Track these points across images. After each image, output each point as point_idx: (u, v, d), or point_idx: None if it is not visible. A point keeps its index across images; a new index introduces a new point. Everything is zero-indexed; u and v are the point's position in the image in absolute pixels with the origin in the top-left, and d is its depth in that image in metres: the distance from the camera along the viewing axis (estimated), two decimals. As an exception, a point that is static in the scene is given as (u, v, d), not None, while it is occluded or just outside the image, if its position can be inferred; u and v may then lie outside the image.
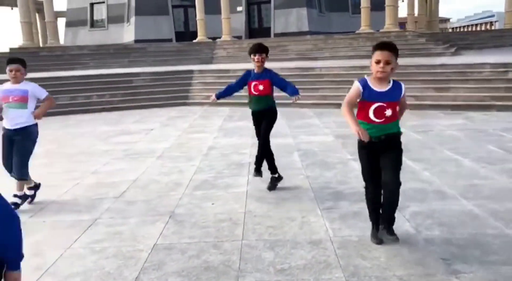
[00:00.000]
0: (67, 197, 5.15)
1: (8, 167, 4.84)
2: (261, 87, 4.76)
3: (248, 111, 5.17)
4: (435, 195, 4.67)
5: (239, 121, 9.76)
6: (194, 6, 27.94)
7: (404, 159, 6.03)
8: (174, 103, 13.50)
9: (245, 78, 4.89)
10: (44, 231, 4.15)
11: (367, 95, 3.24)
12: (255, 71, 4.81)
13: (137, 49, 21.93)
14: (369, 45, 19.02)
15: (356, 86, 3.28)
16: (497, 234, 3.64)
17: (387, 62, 3.12)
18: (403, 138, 3.50)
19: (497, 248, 3.37)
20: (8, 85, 4.80)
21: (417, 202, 4.45)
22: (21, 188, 4.82)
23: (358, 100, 3.34)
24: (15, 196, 4.73)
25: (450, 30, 70.10)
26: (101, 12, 31.82)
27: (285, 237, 3.76)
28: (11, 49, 20.52)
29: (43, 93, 4.90)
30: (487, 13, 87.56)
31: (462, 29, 70.88)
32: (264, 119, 4.92)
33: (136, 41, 26.43)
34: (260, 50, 4.70)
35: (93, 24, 32.03)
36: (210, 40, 23.02)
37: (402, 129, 3.51)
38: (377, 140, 3.31)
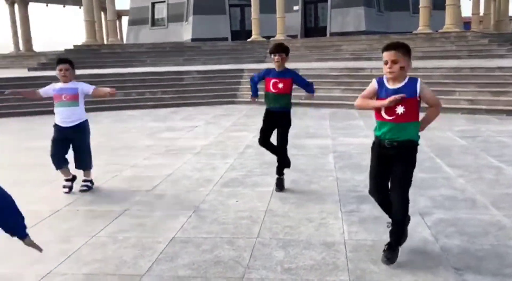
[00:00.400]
0: (104, 188, 5.45)
1: (56, 160, 5.20)
2: (280, 85, 4.81)
3: (293, 110, 5.18)
4: (464, 203, 4.52)
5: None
6: (250, 5, 28.27)
7: (441, 164, 5.97)
8: (222, 102, 13.77)
9: (264, 74, 4.98)
10: (76, 219, 4.43)
11: (382, 93, 3.23)
12: (276, 70, 4.88)
13: (192, 47, 22.51)
14: (426, 46, 18.47)
15: (372, 83, 3.31)
16: (520, 246, 3.49)
17: (394, 62, 3.10)
18: (446, 142, 3.43)
19: (516, 261, 3.25)
20: (59, 85, 5.18)
21: (444, 209, 4.33)
22: (88, 175, 5.35)
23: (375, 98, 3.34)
24: (84, 180, 5.30)
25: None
26: (161, 11, 32.88)
27: (299, 237, 3.81)
28: (74, 46, 21.74)
29: (90, 88, 5.27)
30: None
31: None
32: (278, 126, 5.00)
33: (193, 39, 27.11)
34: (279, 50, 4.78)
35: (154, 22, 33.17)
36: (264, 39, 23.20)
37: (447, 133, 3.40)
38: (389, 146, 3.24)
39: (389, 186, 3.33)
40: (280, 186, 5.08)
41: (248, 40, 23.80)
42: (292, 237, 3.82)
